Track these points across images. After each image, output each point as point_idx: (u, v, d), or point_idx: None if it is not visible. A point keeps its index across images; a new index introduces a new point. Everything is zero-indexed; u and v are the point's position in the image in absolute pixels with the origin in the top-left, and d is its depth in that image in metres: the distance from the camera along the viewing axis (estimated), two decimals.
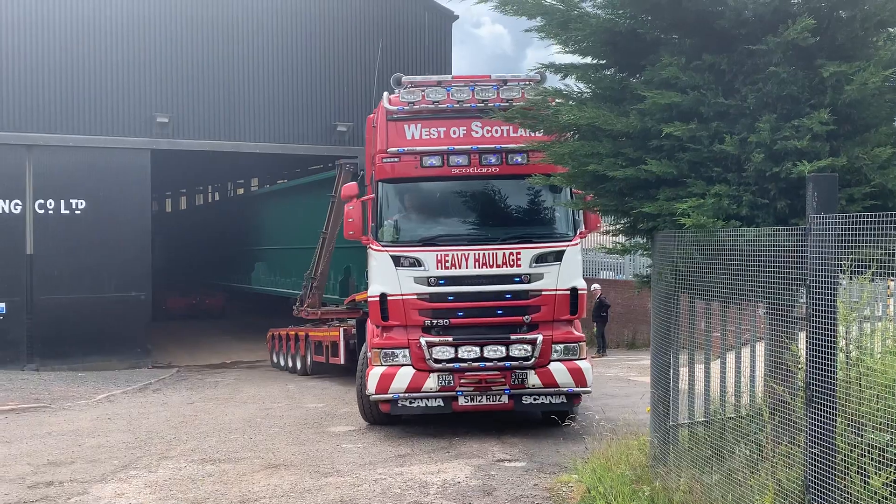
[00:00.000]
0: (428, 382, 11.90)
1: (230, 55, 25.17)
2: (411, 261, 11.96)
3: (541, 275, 11.96)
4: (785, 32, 6.78)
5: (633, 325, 24.87)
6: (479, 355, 11.89)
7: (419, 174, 12.17)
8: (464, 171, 12.12)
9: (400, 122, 12.21)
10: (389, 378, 11.93)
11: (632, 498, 7.79)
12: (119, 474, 10.66)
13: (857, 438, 5.37)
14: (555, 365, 11.98)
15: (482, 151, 12.11)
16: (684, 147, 7.31)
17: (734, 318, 7.55)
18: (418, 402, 11.98)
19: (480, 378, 11.85)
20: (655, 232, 8.07)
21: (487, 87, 12.06)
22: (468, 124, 12.16)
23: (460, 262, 11.88)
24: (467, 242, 12.04)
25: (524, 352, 11.91)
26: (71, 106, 23.27)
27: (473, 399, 11.93)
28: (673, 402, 8.15)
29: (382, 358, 12.05)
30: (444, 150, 12.08)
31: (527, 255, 11.94)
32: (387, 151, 12.19)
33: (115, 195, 23.61)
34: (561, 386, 11.98)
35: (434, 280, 11.91)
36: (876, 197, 6.79)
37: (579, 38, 8.25)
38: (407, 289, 11.95)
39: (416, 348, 11.93)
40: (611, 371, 19.74)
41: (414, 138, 12.17)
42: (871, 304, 6.18)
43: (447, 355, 11.88)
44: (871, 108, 6.94)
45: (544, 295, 11.99)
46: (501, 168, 12.13)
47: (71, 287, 23.13)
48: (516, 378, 11.92)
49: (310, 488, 9.67)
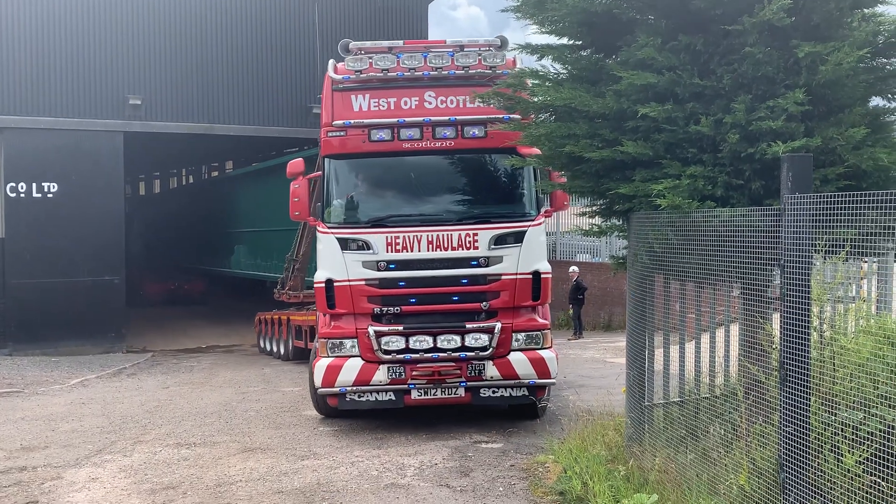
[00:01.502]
0: (377, 375, 11.15)
1: (204, 36, 24.89)
2: (359, 243, 11.16)
3: (500, 258, 11.15)
4: (760, 13, 6.77)
5: (609, 306, 24.97)
6: (432, 345, 11.14)
7: (367, 149, 11.32)
8: (416, 146, 11.27)
9: (346, 92, 11.38)
10: (336, 370, 11.20)
11: (607, 478, 7.83)
12: (93, 459, 10.58)
13: (830, 417, 5.41)
14: (515, 355, 11.21)
15: (436, 124, 11.25)
16: (660, 128, 7.31)
17: (709, 299, 7.58)
18: (367, 396, 11.30)
19: (434, 370, 11.11)
20: (631, 213, 8.08)
21: (442, 54, 11.25)
22: (421, 94, 11.32)
23: (412, 244, 11.09)
24: (420, 223, 11.22)
25: (481, 341, 11.16)
26: (42, 88, 22.92)
27: (427, 392, 11.23)
28: (648, 383, 8.20)
29: (329, 349, 11.33)
30: (394, 123, 11.25)
31: (484, 236, 11.12)
32: (332, 125, 11.38)
33: (87, 178, 23.33)
34: (522, 377, 11.19)
35: (383, 264, 11.12)
36: (850, 177, 6.82)
37: (555, 19, 8.21)
38: (355, 274, 11.16)
39: (364, 338, 11.16)
40: (587, 353, 19.82)
41: (361, 110, 11.33)
42: (844, 284, 6.22)
43: (397, 346, 11.14)
44: (846, 89, 6.96)
45: (504, 280, 11.18)
46: (457, 142, 11.29)
47: (44, 271, 22.87)
48: (473, 369, 11.18)
49: (286, 471, 9.64)
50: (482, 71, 11.22)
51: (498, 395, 11.30)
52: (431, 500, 8.42)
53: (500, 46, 11.32)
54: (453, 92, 11.22)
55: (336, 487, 8.95)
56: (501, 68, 11.11)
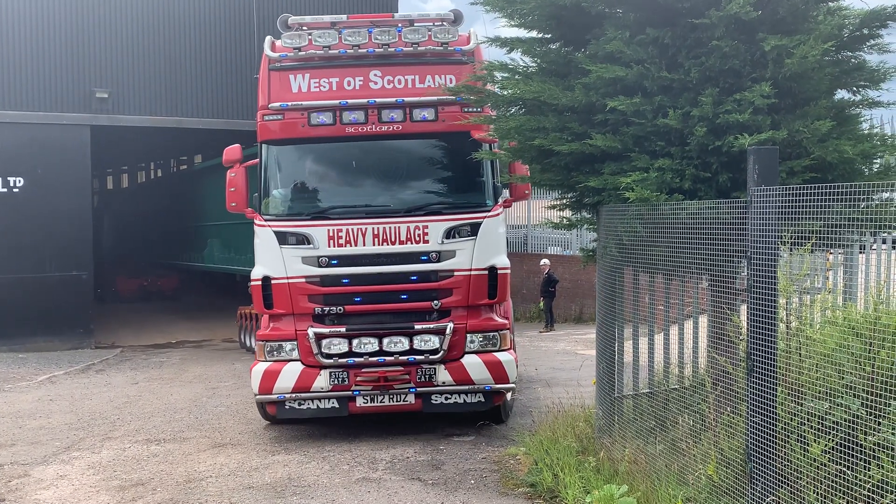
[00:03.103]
0: (318, 381, 10.30)
1: (172, 29, 24.60)
2: (298, 237, 10.34)
3: (452, 252, 10.29)
4: (727, 6, 6.82)
5: (580, 299, 25.08)
6: (377, 348, 10.32)
7: (306, 134, 10.44)
8: (360, 130, 10.37)
9: (284, 71, 10.50)
10: (274, 376, 10.36)
11: (578, 469, 7.87)
12: (61, 456, 10.47)
13: (797, 407, 5.47)
14: (469, 358, 10.34)
15: (382, 106, 10.33)
16: (628, 121, 7.35)
17: (678, 291, 7.64)
18: (308, 404, 10.42)
19: (380, 375, 10.23)
20: (601, 206, 8.12)
21: (389, 29, 10.41)
22: (366, 74, 10.42)
23: (356, 238, 10.24)
24: (364, 215, 10.38)
25: (431, 343, 10.28)
26: (7, 81, 22.58)
27: (374, 399, 10.36)
28: (618, 375, 8.25)
29: (267, 352, 10.48)
30: (335, 105, 10.35)
31: (436, 228, 10.25)
32: (268, 107, 10.53)
33: (54, 173, 23.03)
34: (477, 382, 10.32)
35: (325, 260, 10.30)
36: (816, 169, 6.90)
37: (524, 12, 8.23)
38: (294, 271, 10.35)
39: (304, 341, 10.32)
40: (558, 345, 19.91)
41: (301, 91, 10.46)
42: (810, 275, 6.28)
43: (339, 349, 10.31)
44: (812, 82, 7.04)
45: (457, 276, 10.32)
46: (405, 125, 10.37)
47: (10, 266, 22.58)
48: (423, 374, 10.30)
49: (257, 467, 9.60)
50: (433, 48, 10.43)
51: (451, 401, 10.48)
52: (403, 494, 8.42)
53: (455, 21, 10.65)
54: (401, 71, 10.39)
55: (307, 482, 8.93)
56: (454, 44, 10.43)
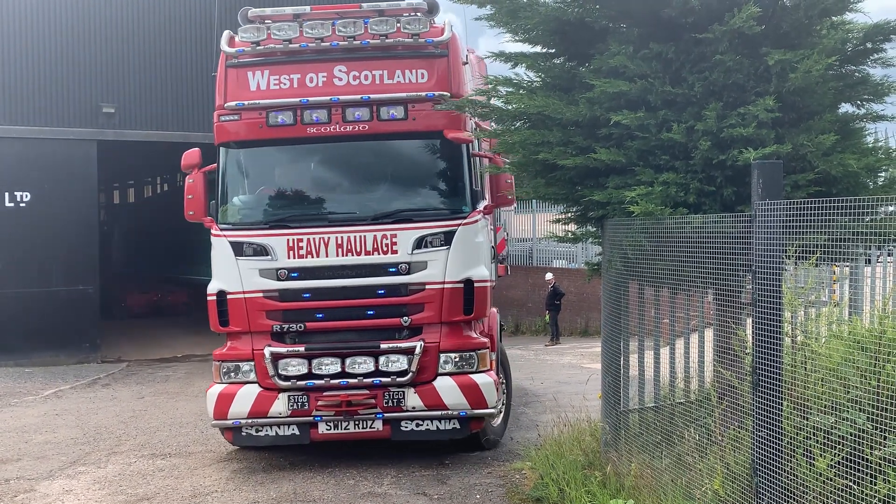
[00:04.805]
0: (276, 405, 9.48)
1: (178, 44, 24.75)
2: (255, 248, 9.50)
3: (424, 263, 9.42)
4: (731, 21, 6.85)
5: (585, 312, 25.05)
6: (339, 369, 9.46)
7: (265, 135, 9.67)
8: (322, 130, 9.56)
9: (242, 68, 9.73)
10: (228, 399, 9.59)
11: (584, 483, 7.85)
12: (67, 471, 10.48)
13: (802, 421, 5.45)
14: (442, 381, 9.46)
15: (346, 104, 9.50)
16: (633, 135, 7.36)
17: (683, 305, 7.63)
18: (266, 431, 9.67)
19: (342, 399, 9.36)
20: (605, 220, 8.12)
21: (355, 20, 9.55)
22: (329, 69, 9.58)
23: (318, 248, 9.42)
24: (327, 223, 9.58)
25: (398, 364, 9.42)
26: (14, 97, 22.72)
27: (337, 426, 9.53)
28: (624, 389, 8.23)
29: (223, 373, 9.76)
30: (295, 104, 9.55)
31: (405, 237, 9.39)
32: (224, 107, 9.88)
33: (61, 187, 23.11)
34: (450, 408, 9.45)
35: (284, 273, 9.50)
36: (820, 183, 6.91)
37: (528, 27, 8.25)
38: (250, 285, 9.51)
39: (261, 361, 9.50)
40: (564, 358, 19.88)
41: (259, 89, 9.68)
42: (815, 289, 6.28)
43: (298, 370, 9.48)
44: (816, 96, 7.05)
45: (429, 289, 9.44)
46: (372, 125, 9.52)
47: (17, 281, 22.63)
48: (390, 398, 9.42)
49: (262, 481, 9.59)
50: (403, 40, 9.58)
51: (423, 428, 9.59)
52: None
53: (429, 11, 9.86)
54: (368, 66, 9.57)
55: (313, 496, 8.91)
56: (426, 36, 9.56)
